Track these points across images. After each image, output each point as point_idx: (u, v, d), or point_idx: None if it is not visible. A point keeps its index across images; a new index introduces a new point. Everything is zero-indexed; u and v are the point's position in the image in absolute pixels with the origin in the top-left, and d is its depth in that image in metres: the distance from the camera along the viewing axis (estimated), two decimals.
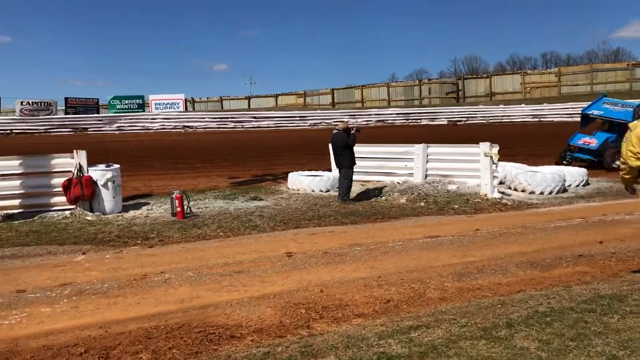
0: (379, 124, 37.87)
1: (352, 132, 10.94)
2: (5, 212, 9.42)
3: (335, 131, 11.11)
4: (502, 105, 40.26)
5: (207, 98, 58.53)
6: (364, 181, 12.40)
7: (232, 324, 4.41)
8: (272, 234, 8.07)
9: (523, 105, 39.52)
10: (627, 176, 5.11)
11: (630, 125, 5.09)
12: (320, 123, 38.42)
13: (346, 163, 10.74)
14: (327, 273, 5.86)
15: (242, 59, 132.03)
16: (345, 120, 34.58)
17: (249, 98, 58.99)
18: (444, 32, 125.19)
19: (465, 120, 37.89)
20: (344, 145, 10.73)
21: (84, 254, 6.97)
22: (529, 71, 53.69)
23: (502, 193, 11.04)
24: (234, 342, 4.03)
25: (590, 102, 18.08)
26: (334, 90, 54.88)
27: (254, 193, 11.58)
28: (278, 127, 37.65)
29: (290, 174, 12.53)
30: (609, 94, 40.86)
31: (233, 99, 58.48)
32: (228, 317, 4.57)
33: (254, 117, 39.25)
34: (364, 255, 6.60)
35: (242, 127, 37.63)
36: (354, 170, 10.90)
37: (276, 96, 57.87)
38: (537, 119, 36.47)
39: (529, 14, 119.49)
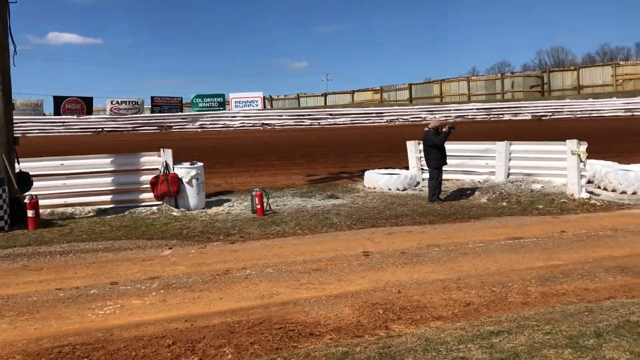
0: (459, 119, 36.95)
1: (443, 129, 10.62)
2: (99, 207, 10.07)
3: (426, 129, 10.83)
4: (590, 99, 38.20)
5: (285, 95, 59.59)
6: (444, 179, 12.16)
7: (310, 321, 4.49)
8: (349, 233, 8.11)
9: (614, 98, 37.32)
10: None
11: None
12: (397, 119, 38.10)
13: (432, 163, 10.52)
14: (404, 274, 5.83)
15: (319, 55, 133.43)
16: (436, 117, 34.11)
17: (325, 95, 59.44)
18: (528, 23, 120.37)
19: (550, 115, 36.27)
20: (431, 144, 10.51)
21: (170, 248, 7.31)
22: (621, 62, 50.54)
23: (591, 193, 10.49)
24: (312, 340, 4.10)
25: None
26: (412, 86, 54.18)
27: (330, 191, 11.68)
28: (354, 124, 37.67)
29: (366, 173, 12.52)
30: None
31: (310, 96, 59.13)
32: (307, 314, 4.66)
33: (330, 115, 39.49)
34: (442, 257, 6.50)
35: (319, 124, 37.96)
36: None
37: (352, 93, 57.94)
38: (630, 114, 34.34)
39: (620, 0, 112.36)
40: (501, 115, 37.39)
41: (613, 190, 10.91)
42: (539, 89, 48.96)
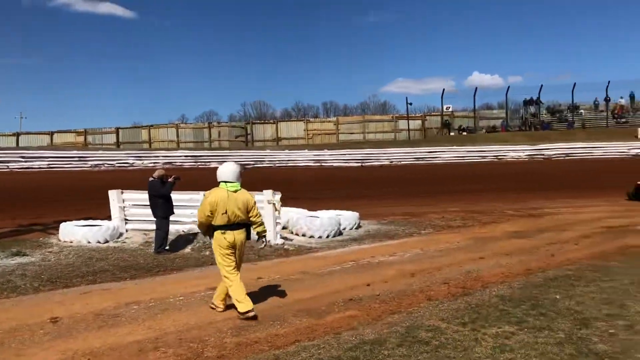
0: (167, 166, 36.83)
1: (169, 179, 10.47)
2: None
3: (150, 179, 10.57)
4: (287, 150, 42.35)
5: None
6: (147, 230, 11.85)
7: None
8: (36, 297, 7.18)
9: (306, 150, 42.11)
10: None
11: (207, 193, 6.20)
12: (103, 164, 36.06)
13: (160, 213, 10.40)
14: (97, 339, 5.38)
15: (10, 90, 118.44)
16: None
17: (17, 134, 53.02)
18: (235, 76, 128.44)
19: (254, 164, 38.91)
20: (156, 194, 10.39)
21: None
22: (311, 119, 57.83)
23: (285, 239, 11.48)
24: None
25: None
26: (119, 130, 52.27)
27: (16, 247, 10.27)
28: (52, 169, 34.28)
29: (62, 225, 11.42)
30: (376, 143, 45.86)
31: None
32: None
33: (23, 157, 35.22)
34: (141, 315, 6.23)
35: (8, 168, 33.47)
36: (170, 219, 10.77)
37: (51, 133, 52.97)
38: (319, 164, 39.14)
39: (311, 65, 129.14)
40: (208, 163, 38.58)
41: (304, 235, 12.14)
42: (243, 139, 52.38)
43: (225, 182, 6.14)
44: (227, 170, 6.20)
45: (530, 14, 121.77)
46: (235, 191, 6.11)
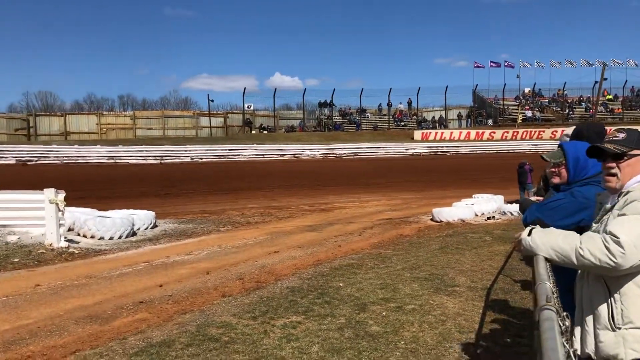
0: None
1: None
2: None
3: None
4: (77, 146, 39.05)
5: None
6: None
7: None
8: None
9: (99, 146, 39.31)
10: None
11: None
12: None
13: None
14: None
15: None
16: None
17: None
18: (17, 62, 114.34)
19: (37, 160, 35.13)
20: None
21: None
22: (105, 112, 54.16)
23: (70, 241, 10.57)
24: None
25: None
26: None
27: None
28: None
29: None
30: (177, 139, 44.80)
31: None
32: None
33: None
34: None
35: None
36: None
37: None
38: (114, 161, 36.83)
39: (108, 54, 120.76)
40: None
41: (92, 237, 11.30)
42: (24, 133, 47.06)
43: None
44: None
45: (327, 24, 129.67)
46: None
